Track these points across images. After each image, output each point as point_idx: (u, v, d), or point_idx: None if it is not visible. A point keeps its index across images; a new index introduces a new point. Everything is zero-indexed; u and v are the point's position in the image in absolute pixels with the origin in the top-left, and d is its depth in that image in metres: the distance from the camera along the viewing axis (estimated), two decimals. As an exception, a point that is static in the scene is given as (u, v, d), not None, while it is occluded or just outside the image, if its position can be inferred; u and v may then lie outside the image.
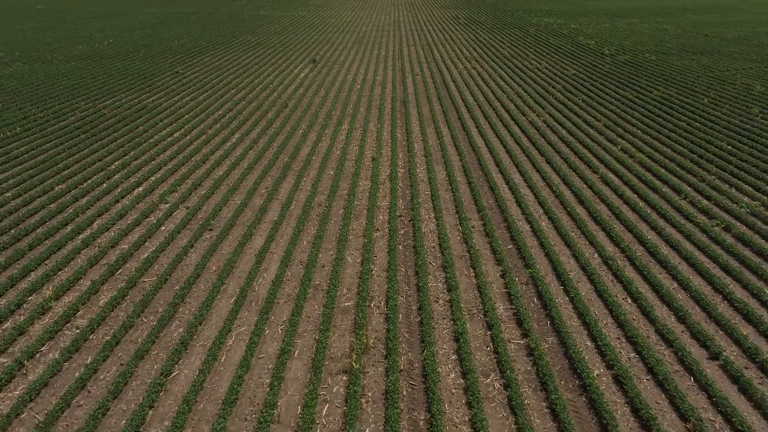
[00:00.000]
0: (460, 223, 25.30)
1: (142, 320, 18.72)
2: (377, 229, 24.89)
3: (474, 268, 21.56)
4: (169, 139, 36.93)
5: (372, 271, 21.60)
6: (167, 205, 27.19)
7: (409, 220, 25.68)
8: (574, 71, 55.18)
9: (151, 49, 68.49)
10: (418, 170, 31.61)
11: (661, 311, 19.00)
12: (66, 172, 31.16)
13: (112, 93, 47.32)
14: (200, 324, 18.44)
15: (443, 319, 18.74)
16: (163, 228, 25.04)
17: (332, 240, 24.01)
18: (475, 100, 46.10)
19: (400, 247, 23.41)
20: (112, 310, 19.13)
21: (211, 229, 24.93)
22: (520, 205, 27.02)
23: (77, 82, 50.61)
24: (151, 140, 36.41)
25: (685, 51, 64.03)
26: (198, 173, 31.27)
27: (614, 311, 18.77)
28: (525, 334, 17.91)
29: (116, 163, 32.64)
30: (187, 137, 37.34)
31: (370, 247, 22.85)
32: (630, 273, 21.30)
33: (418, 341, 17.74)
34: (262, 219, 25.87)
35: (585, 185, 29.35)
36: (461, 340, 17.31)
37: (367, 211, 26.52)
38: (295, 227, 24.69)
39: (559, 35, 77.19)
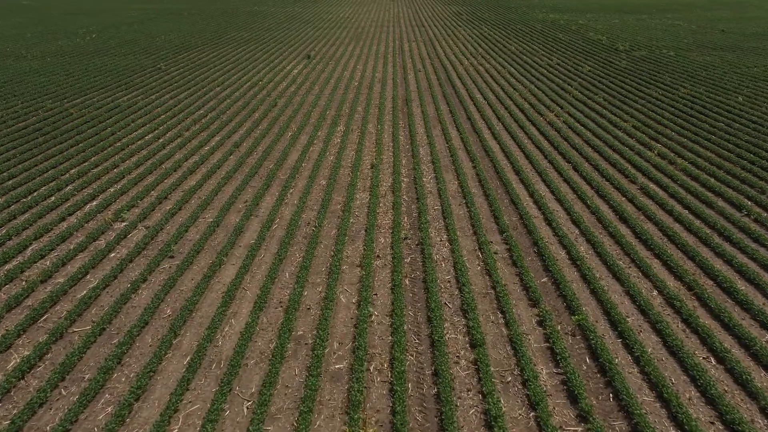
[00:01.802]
0: (480, 248, 20.22)
1: (59, 393, 13.60)
2: (378, 256, 19.81)
3: (503, 312, 16.48)
4: (139, 142, 31.77)
5: (371, 316, 16.51)
6: (123, 224, 22.07)
7: (417, 244, 20.59)
8: (590, 67, 50.09)
9: (135, 44, 63.23)
10: (425, 179, 26.51)
11: (759, 377, 13.95)
12: (10, 182, 25.99)
13: (85, 91, 42.10)
14: (137, 400, 13.34)
15: (468, 390, 13.65)
16: (112, 255, 19.92)
17: (321, 271, 18.92)
18: (485, 99, 40.99)
19: (407, 281, 18.32)
20: (21, 378, 14.02)
21: (172, 257, 19.82)
22: (550, 224, 21.94)
23: (48, 79, 45.37)
24: (118, 144, 31.23)
25: (705, 47, 59.03)
26: (166, 183, 26.13)
27: (698, 378, 13.70)
28: (583, 417, 12.83)
29: (72, 171, 27.46)
30: (160, 140, 32.17)
31: (368, 281, 17.76)
32: (705, 319, 16.22)
33: (436, 428, 12.66)
34: (236, 243, 20.76)
35: (624, 198, 24.27)
36: (496, 428, 12.23)
37: (365, 231, 21.44)
38: (276, 254, 19.58)
39: (568, 31, 72.09)
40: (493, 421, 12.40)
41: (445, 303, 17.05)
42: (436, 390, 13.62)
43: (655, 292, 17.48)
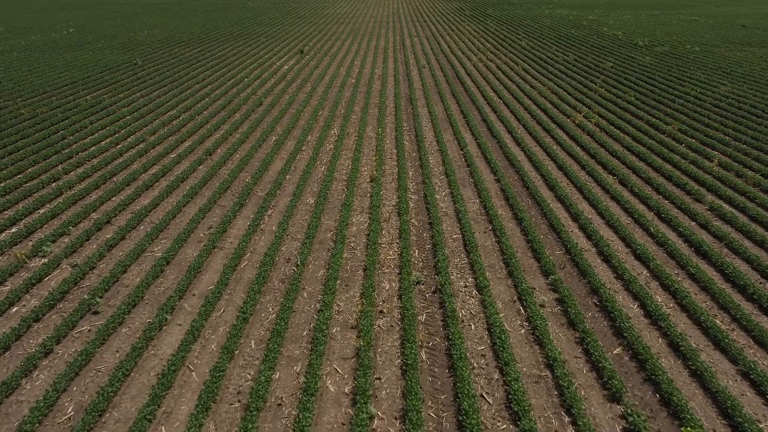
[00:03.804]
0: (520, 298, 14.57)
1: None
2: (381, 312, 14.14)
3: (570, 413, 10.84)
4: (92, 148, 26.01)
5: (373, 419, 10.84)
6: (42, 261, 16.36)
7: (434, 291, 14.92)
8: (612, 63, 44.43)
9: (113, 39, 57.34)
10: (438, 197, 20.86)
11: None
12: None
13: (45, 88, 36.29)
14: None
15: None
16: (14, 310, 14.20)
17: (301, 337, 13.25)
18: (500, 98, 35.31)
19: (423, 354, 12.66)
20: None
21: (96, 312, 14.13)
22: (608, 261, 16.30)
23: (5, 75, 39.52)
24: (66, 151, 25.47)
25: (731, 42, 53.52)
26: (111, 203, 20.40)
27: None
28: None
29: (-2, 185, 21.74)
30: (118, 146, 26.42)
31: (367, 355, 12.09)
32: None
33: None
34: (189, 290, 15.07)
35: (695, 223, 18.64)
36: None
37: (364, 271, 15.81)
38: (241, 308, 13.89)
39: (579, 26, 66.43)
40: None
41: (482, 395, 11.39)
42: None
43: (783, 375, 11.87)
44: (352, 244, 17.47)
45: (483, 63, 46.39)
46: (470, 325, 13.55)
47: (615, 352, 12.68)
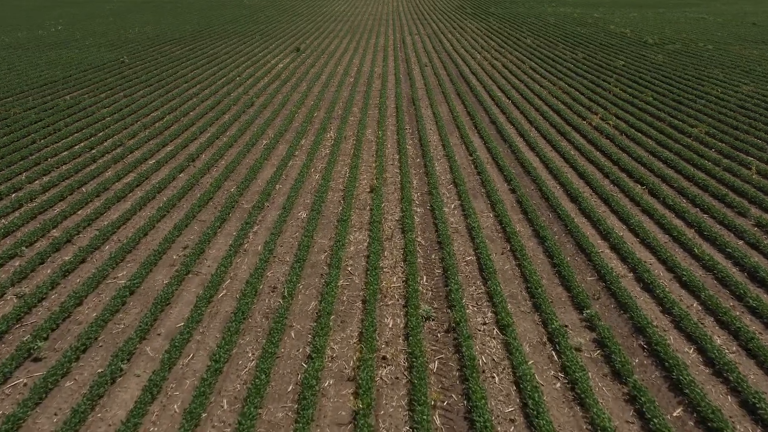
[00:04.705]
0: (551, 338, 11.98)
1: None
2: (383, 358, 11.54)
3: None
4: (63, 154, 23.38)
5: None
6: (-16, 291, 13.73)
7: (447, 330, 12.32)
8: (623, 62, 41.83)
9: (102, 37, 54.62)
10: (446, 210, 18.27)
11: None
12: None
13: (22, 88, 33.60)
14: None
15: None
16: (-64, 356, 11.59)
17: (284, 395, 10.63)
18: (509, 98, 32.72)
19: (437, 420, 10.04)
20: None
21: (37, 359, 11.52)
22: (649, 290, 13.70)
23: (-18, 74, 36.90)
24: (32, 157, 22.79)
25: (744, 40, 51.00)
26: (75, 218, 17.76)
27: None
28: None
29: (-50, 197, 19.09)
30: (93, 151, 23.79)
31: (366, 425, 9.49)
32: None
33: None
34: (152, 328, 12.46)
35: (742, 242, 16.05)
36: None
37: (363, 303, 13.23)
38: (213, 355, 11.27)
39: (585, 24, 63.84)
40: None
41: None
42: None
43: None
44: (349, 268, 14.88)
45: (488, 61, 43.78)
46: (493, 377, 10.96)
47: (675, 414, 10.10)
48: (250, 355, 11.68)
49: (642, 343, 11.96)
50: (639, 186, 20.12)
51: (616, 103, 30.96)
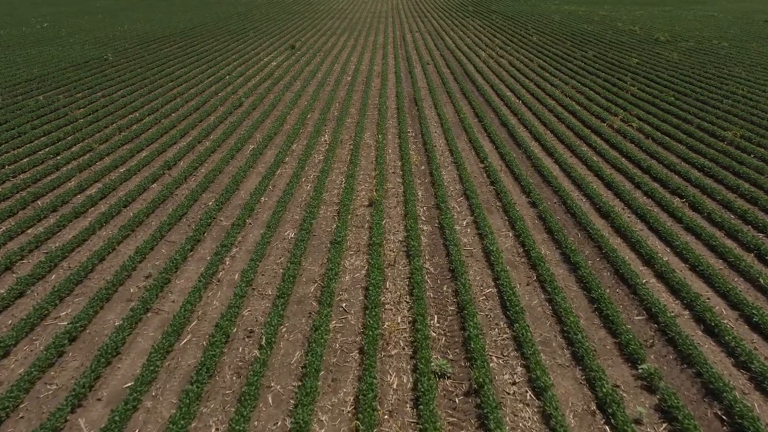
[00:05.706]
0: (602, 408, 9.23)
1: None
2: (387, 437, 8.80)
3: None
4: (23, 161, 20.57)
5: None
6: None
7: (467, 394, 9.58)
8: (637, 60, 39.11)
9: (89, 34, 51.75)
10: (458, 228, 15.51)
11: None
12: None
13: (-6, 86, 30.82)
14: None
15: None
16: None
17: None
18: (519, 98, 29.97)
19: None
20: None
21: (-66, 438, 8.76)
22: (714, 334, 10.97)
23: (-48, 72, 34.06)
24: (-13, 164, 20.01)
25: (760, 38, 48.44)
26: (24, 238, 14.96)
27: None
28: None
29: None
30: (58, 157, 20.99)
31: None
32: None
33: None
34: (92, 392, 9.69)
35: (815, 270, 13.34)
36: None
37: (360, 354, 10.48)
38: (168, 427, 8.56)
39: (592, 21, 61.13)
40: None
41: None
42: None
43: None
44: (343, 305, 12.13)
45: (493, 59, 41.02)
46: (532, 467, 8.22)
47: None
48: (213, 430, 8.93)
49: (718, 411, 9.24)
50: (677, 198, 17.38)
51: (636, 103, 28.23)
